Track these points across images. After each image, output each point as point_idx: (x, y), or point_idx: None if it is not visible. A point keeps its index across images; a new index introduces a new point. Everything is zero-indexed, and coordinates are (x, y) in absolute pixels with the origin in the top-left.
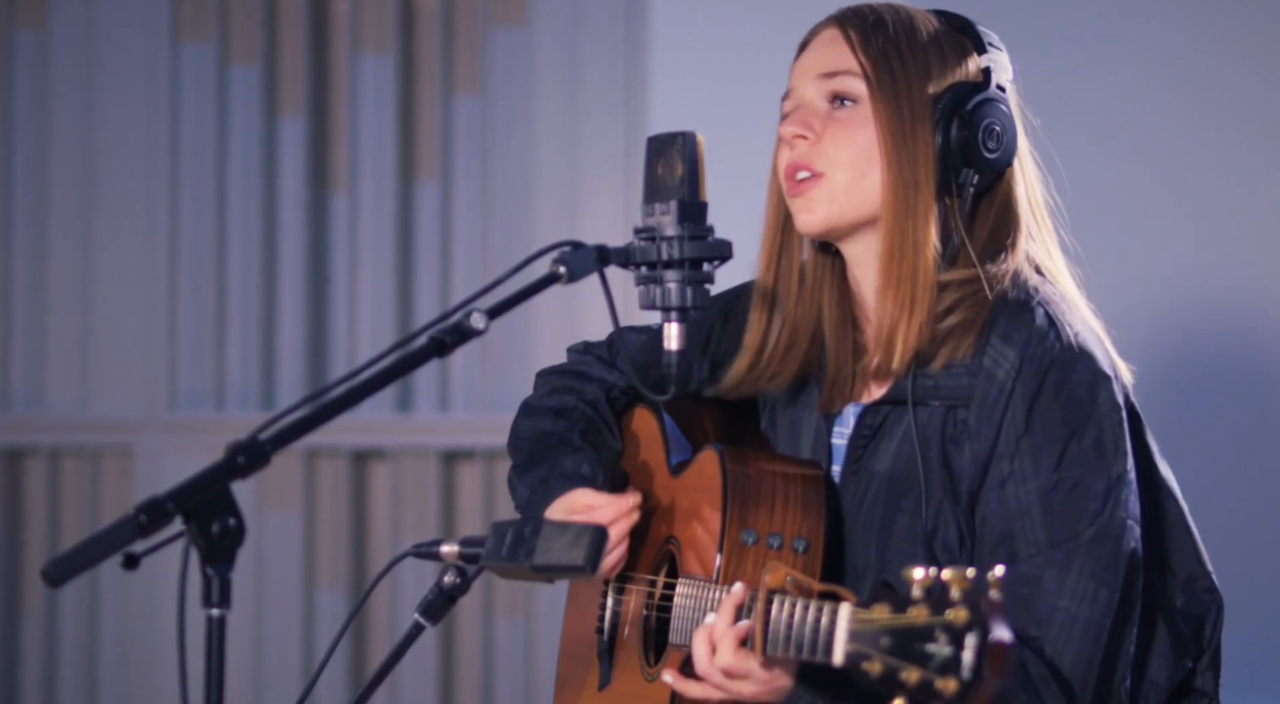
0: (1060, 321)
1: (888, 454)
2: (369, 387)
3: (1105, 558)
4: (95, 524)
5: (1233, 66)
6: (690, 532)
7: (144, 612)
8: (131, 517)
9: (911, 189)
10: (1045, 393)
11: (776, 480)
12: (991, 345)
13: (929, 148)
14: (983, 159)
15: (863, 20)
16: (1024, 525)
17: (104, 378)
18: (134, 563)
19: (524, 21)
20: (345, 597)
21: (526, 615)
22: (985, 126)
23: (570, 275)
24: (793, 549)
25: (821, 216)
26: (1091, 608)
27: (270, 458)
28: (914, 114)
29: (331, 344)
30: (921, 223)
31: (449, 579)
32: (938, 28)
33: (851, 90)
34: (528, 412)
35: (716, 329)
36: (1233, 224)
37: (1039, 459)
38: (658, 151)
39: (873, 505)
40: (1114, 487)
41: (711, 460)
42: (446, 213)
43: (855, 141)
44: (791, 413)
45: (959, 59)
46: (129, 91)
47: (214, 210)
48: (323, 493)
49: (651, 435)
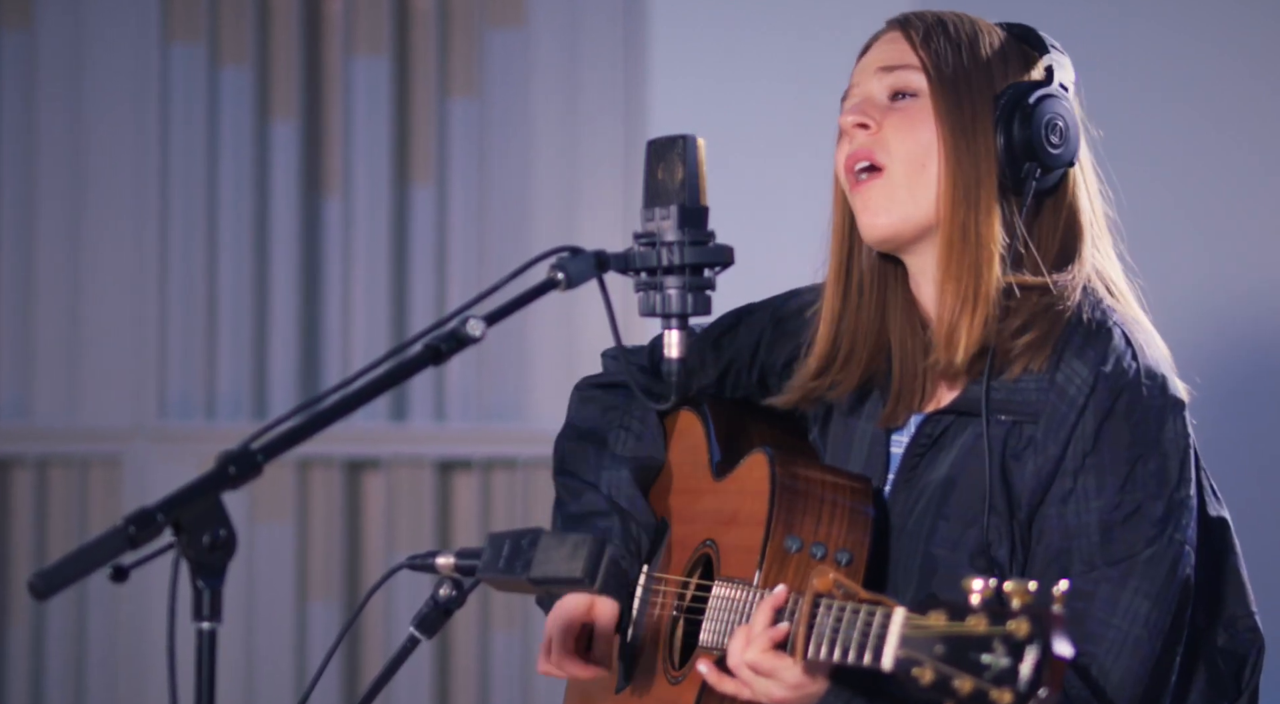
0: (1137, 344)
1: (945, 463)
2: (363, 395)
3: (1160, 580)
4: (83, 536)
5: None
6: (731, 535)
7: (133, 626)
8: (120, 528)
9: (973, 185)
10: (1117, 413)
11: (825, 489)
12: (1065, 361)
13: (990, 144)
14: (1046, 154)
15: (924, 21)
16: (1081, 543)
17: (92, 386)
18: (123, 575)
19: (521, 22)
20: (339, 610)
21: (524, 629)
22: (1048, 121)
23: (568, 281)
24: (835, 561)
25: (884, 223)
26: (1144, 628)
27: (262, 468)
28: (975, 109)
29: (325, 352)
30: (984, 217)
31: (445, 592)
32: (1001, 35)
33: (912, 84)
34: (574, 435)
35: (766, 335)
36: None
37: (1103, 479)
38: (658, 155)
39: (923, 514)
40: (1174, 510)
41: (760, 464)
42: (442, 218)
43: (915, 134)
44: (847, 422)
45: (1021, 63)
46: (117, 93)
47: (204, 215)
48: (316, 504)
49: (695, 438)
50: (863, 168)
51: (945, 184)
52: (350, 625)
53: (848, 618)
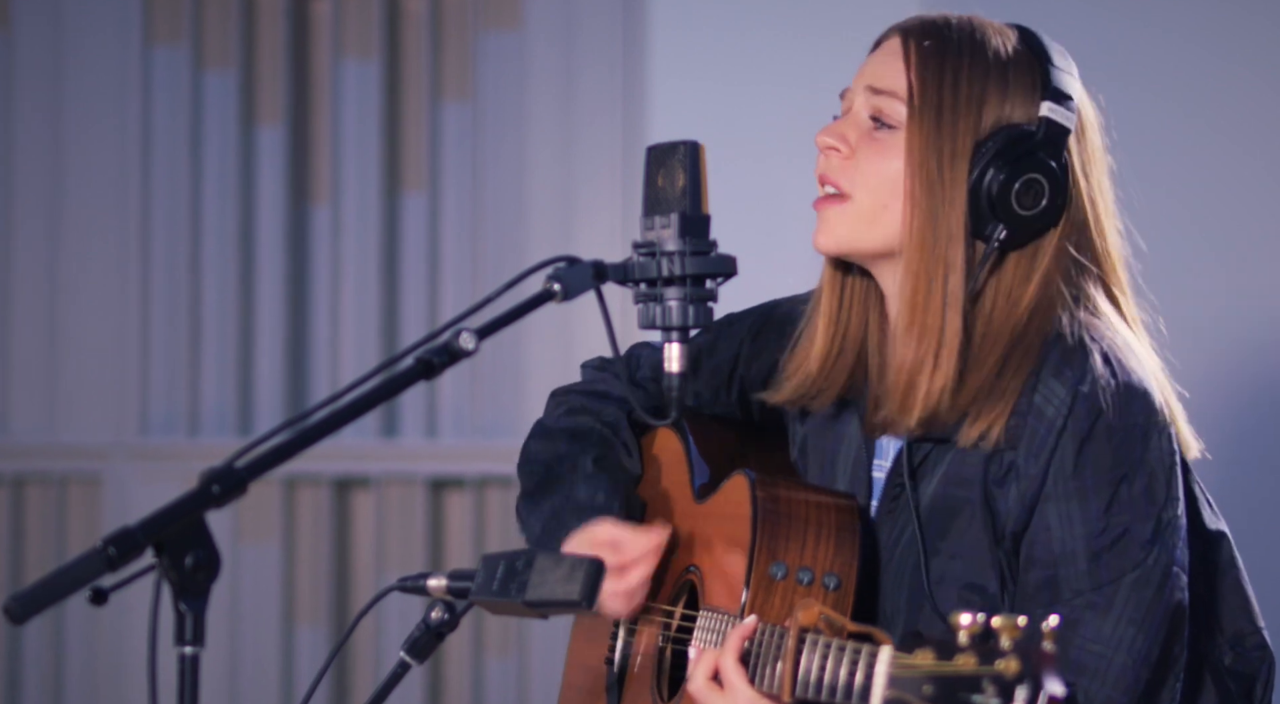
0: (1116, 360)
1: (926, 493)
2: (352, 411)
3: (1145, 604)
4: (61, 557)
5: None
6: (714, 561)
7: (113, 650)
8: (99, 549)
9: (943, 238)
10: (1097, 434)
11: (810, 511)
12: (1043, 381)
13: (962, 195)
14: (1014, 216)
15: (928, 36)
16: (1068, 571)
17: (71, 401)
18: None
19: (516, 24)
20: (326, 634)
21: (519, 654)
22: (1025, 181)
23: (565, 293)
24: (823, 586)
25: (834, 240)
26: (1128, 655)
27: (247, 486)
28: (954, 154)
29: (312, 366)
30: (949, 273)
31: (437, 615)
32: (1010, 54)
33: (892, 115)
34: (542, 433)
35: (745, 349)
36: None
37: (1087, 503)
38: (658, 162)
39: (909, 546)
40: (1161, 532)
41: (741, 487)
42: (434, 227)
43: (885, 169)
44: (827, 443)
45: (1022, 96)
46: (97, 97)
47: (188, 224)
48: (303, 523)
49: (675, 458)
50: (829, 194)
51: (910, 232)
52: (338, 650)
53: (834, 655)
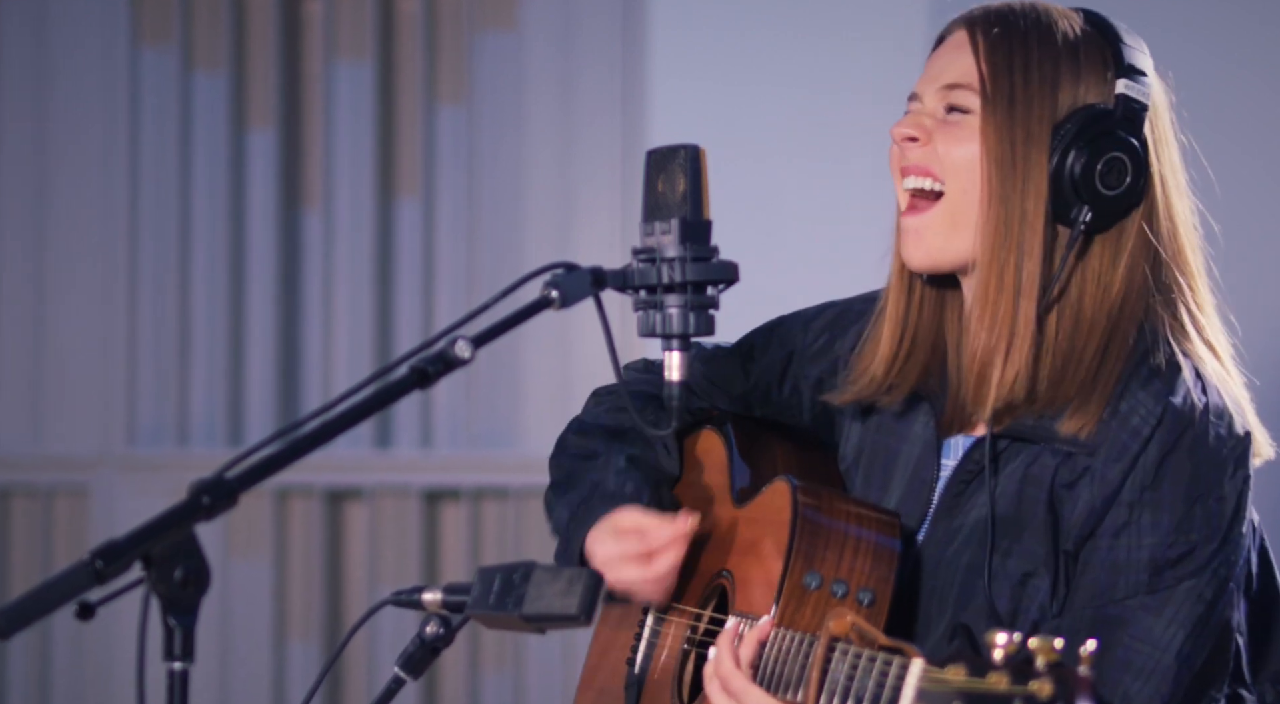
0: (1207, 379)
1: (992, 492)
2: (345, 421)
3: (1197, 613)
4: (47, 570)
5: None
6: (748, 566)
7: (100, 666)
8: (87, 562)
9: (1015, 221)
10: (1181, 448)
11: (850, 522)
12: (1130, 392)
13: (1042, 177)
14: (1100, 197)
15: (995, 25)
16: (1127, 580)
17: (57, 411)
18: (89, 613)
19: (512, 25)
20: (319, 649)
21: (515, 669)
22: (1108, 160)
23: (563, 300)
24: (857, 600)
25: (924, 253)
26: (1175, 658)
27: (238, 498)
28: (1029, 138)
29: (304, 375)
30: (1025, 259)
31: (431, 629)
32: (1079, 35)
33: (966, 103)
34: (580, 429)
35: (799, 348)
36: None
37: (1160, 515)
38: (658, 166)
39: (964, 544)
40: (1224, 549)
41: (782, 493)
42: (429, 232)
43: (963, 153)
44: (888, 440)
45: (1095, 76)
46: (83, 100)
47: (177, 229)
48: (295, 536)
49: (717, 460)
50: (918, 191)
51: (986, 218)
52: (331, 666)
53: (863, 665)
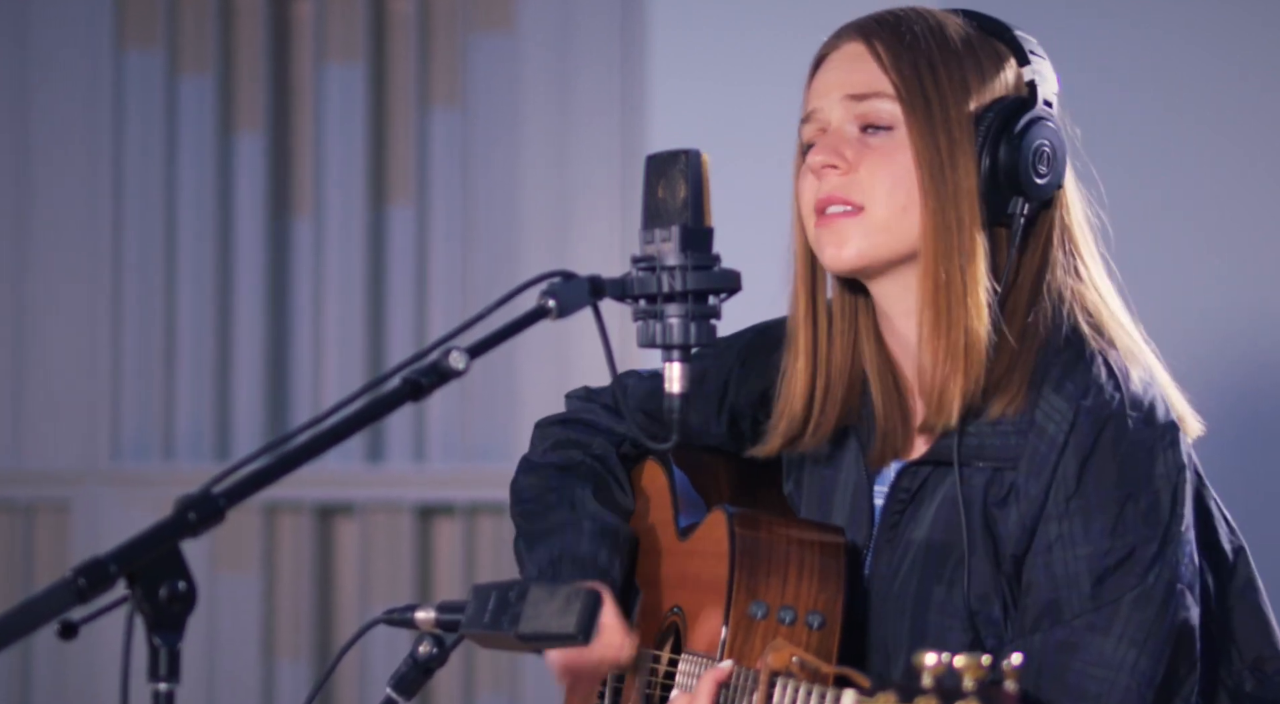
0: (1120, 371)
1: (925, 519)
2: (336, 434)
3: (1147, 624)
4: (28, 588)
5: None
6: (696, 602)
7: (83, 687)
8: (69, 580)
9: (954, 227)
10: (1100, 450)
11: (791, 547)
12: (1044, 398)
13: (972, 178)
14: (1034, 186)
15: (890, 32)
16: (1070, 595)
17: (38, 424)
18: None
19: (508, 26)
20: (309, 669)
21: (511, 690)
22: (1036, 149)
23: (560, 309)
24: (806, 625)
25: (853, 252)
26: (1130, 677)
27: (225, 514)
28: (953, 140)
29: (293, 387)
30: (968, 263)
31: (425, 649)
32: (971, 34)
33: (886, 116)
34: (529, 468)
35: (734, 375)
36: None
37: (1090, 523)
38: (658, 171)
39: (908, 575)
40: (1164, 548)
41: (719, 524)
42: (422, 240)
43: (895, 172)
44: (823, 472)
45: (997, 69)
46: (67, 104)
47: (162, 237)
48: (284, 553)
49: (660, 492)
50: (838, 212)
51: (925, 228)
52: (321, 686)
53: (800, 699)
